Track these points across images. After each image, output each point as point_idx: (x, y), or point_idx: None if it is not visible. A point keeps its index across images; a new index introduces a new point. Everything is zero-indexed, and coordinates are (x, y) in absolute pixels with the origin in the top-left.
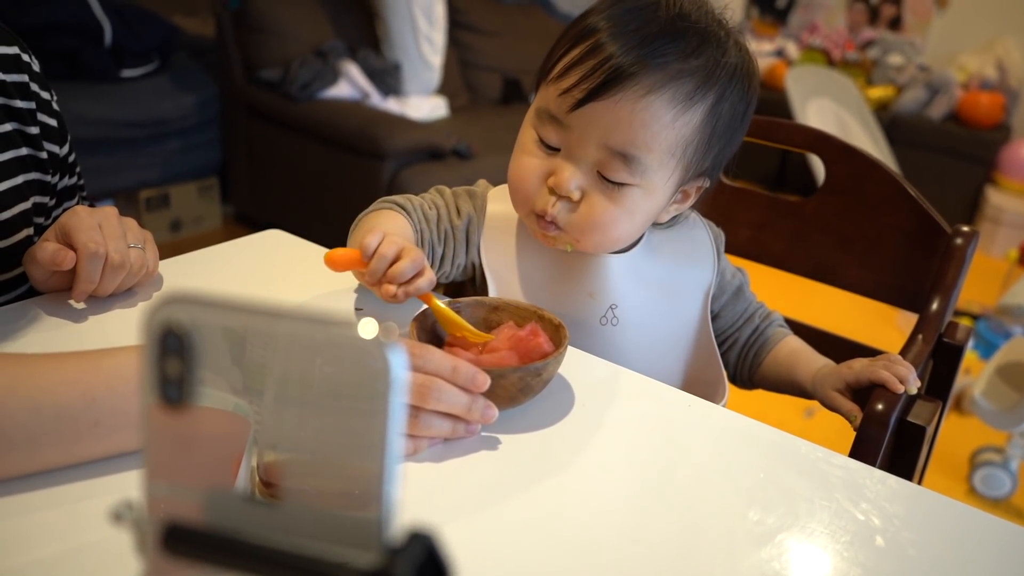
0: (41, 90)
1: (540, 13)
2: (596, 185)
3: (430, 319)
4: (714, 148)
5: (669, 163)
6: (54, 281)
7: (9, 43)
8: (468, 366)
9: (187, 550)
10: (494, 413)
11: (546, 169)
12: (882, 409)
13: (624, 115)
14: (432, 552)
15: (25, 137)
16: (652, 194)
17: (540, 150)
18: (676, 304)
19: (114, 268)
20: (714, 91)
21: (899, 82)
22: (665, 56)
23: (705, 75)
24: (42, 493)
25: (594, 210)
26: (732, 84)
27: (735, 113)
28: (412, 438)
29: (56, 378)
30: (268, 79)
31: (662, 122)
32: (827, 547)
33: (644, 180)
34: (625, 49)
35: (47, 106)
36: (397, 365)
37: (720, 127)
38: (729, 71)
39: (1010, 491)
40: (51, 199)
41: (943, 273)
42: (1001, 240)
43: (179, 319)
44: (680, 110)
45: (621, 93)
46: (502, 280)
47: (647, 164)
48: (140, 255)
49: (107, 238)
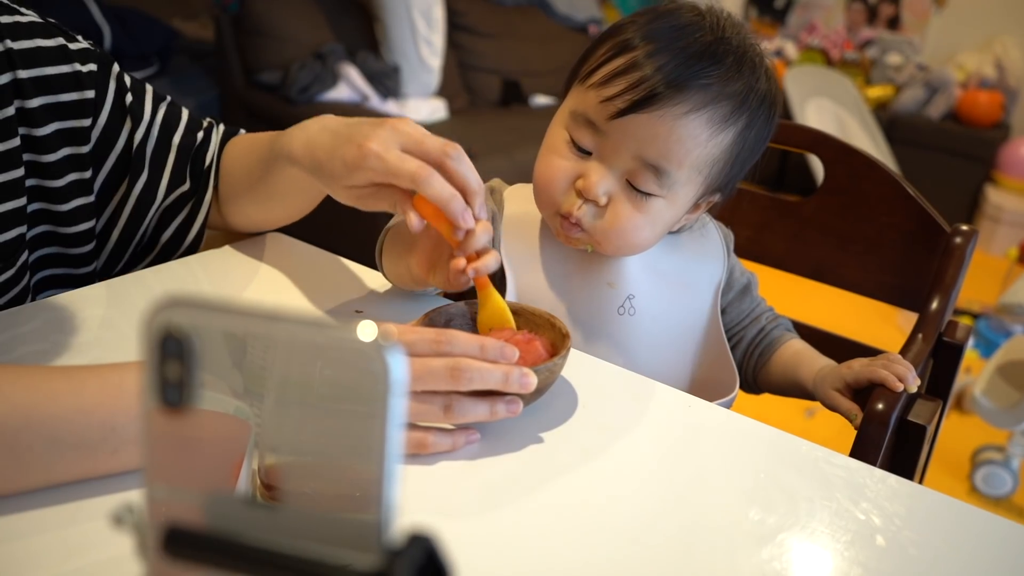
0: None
1: (539, 15)
2: (623, 193)
3: (442, 317)
4: (735, 169)
5: (695, 179)
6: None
7: (53, 35)
8: (494, 341)
9: (187, 553)
10: (532, 380)
11: (575, 172)
12: (882, 408)
13: (663, 130)
14: (432, 554)
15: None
16: (673, 205)
17: (571, 152)
18: (689, 297)
19: (446, 155)
20: (746, 116)
21: (898, 81)
22: (708, 78)
23: (741, 100)
24: (42, 494)
25: (619, 217)
26: (760, 110)
27: (759, 138)
28: (449, 433)
29: (75, 406)
30: (267, 82)
31: (697, 140)
32: (828, 547)
33: (670, 193)
34: (672, 66)
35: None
36: (396, 367)
37: (745, 150)
38: (760, 97)
39: (1011, 490)
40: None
41: (942, 272)
42: (1001, 239)
43: (179, 323)
44: (715, 131)
45: (664, 109)
46: (522, 273)
47: (676, 178)
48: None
49: (422, 139)
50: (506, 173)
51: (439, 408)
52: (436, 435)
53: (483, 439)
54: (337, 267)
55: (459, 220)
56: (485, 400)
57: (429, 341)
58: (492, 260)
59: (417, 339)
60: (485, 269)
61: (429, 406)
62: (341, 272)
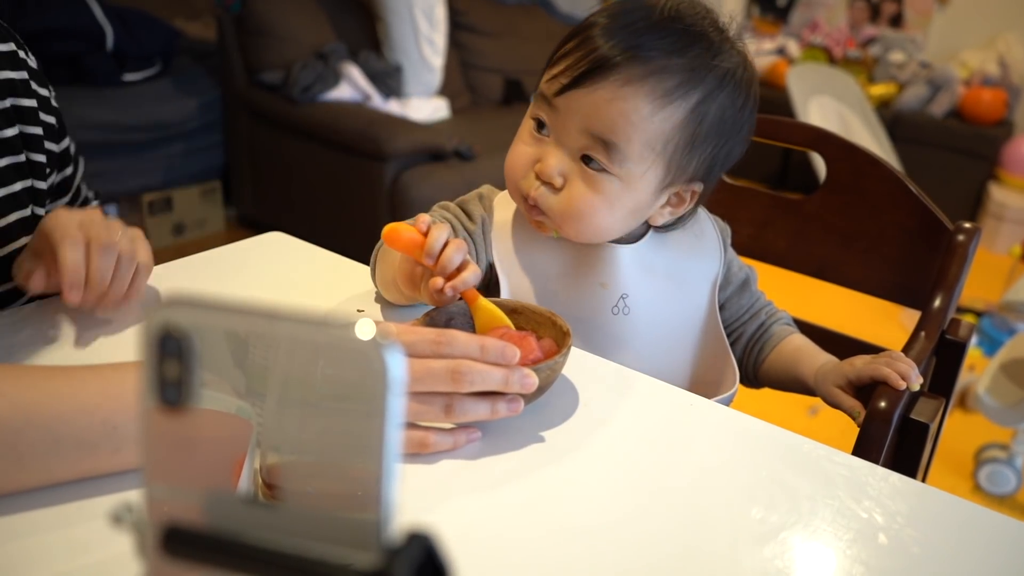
0: (39, 87)
1: (541, 14)
2: (578, 173)
3: (443, 317)
4: (700, 150)
5: (648, 156)
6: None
7: (5, 40)
8: (495, 341)
9: (187, 552)
10: (533, 381)
11: (535, 156)
12: (885, 406)
13: (603, 102)
14: (431, 552)
15: (25, 139)
16: (631, 187)
17: (532, 138)
18: (684, 294)
19: (103, 248)
20: (698, 91)
21: (901, 79)
22: (649, 51)
23: (689, 74)
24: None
25: (574, 196)
26: (722, 87)
27: (724, 117)
28: (450, 432)
29: (76, 405)
30: (270, 82)
31: (640, 114)
32: (830, 545)
33: (623, 171)
34: (613, 42)
35: (47, 104)
36: (394, 365)
37: (704, 129)
38: (719, 74)
39: (1015, 488)
40: (42, 207)
41: (945, 270)
42: (1004, 237)
43: (177, 321)
44: (659, 105)
45: (602, 82)
46: (515, 276)
47: (626, 154)
48: (128, 242)
49: (88, 224)
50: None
51: (440, 408)
52: (437, 434)
53: (484, 438)
54: (338, 267)
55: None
56: (486, 399)
57: (429, 341)
58: (470, 275)
59: (417, 339)
60: (463, 285)
61: (430, 406)
62: (342, 272)
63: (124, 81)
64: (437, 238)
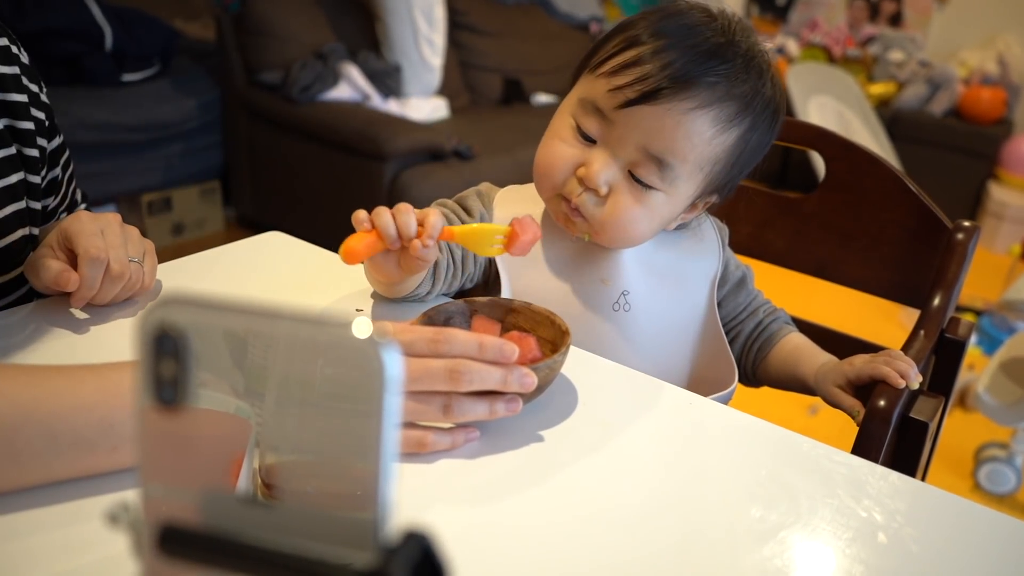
0: (30, 83)
1: (540, 14)
2: (625, 183)
3: (441, 316)
4: (735, 170)
5: (696, 176)
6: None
7: None
8: (493, 339)
9: (183, 552)
10: (532, 380)
11: (578, 159)
12: (884, 405)
13: (670, 123)
14: (428, 552)
15: (15, 134)
16: (672, 201)
17: (575, 139)
18: (684, 292)
19: (113, 278)
20: (750, 118)
21: (900, 78)
22: (716, 76)
23: (747, 102)
24: (40, 493)
25: (618, 207)
26: (764, 115)
27: (761, 143)
28: (449, 432)
29: (73, 403)
30: (269, 82)
31: (702, 137)
32: (829, 544)
33: (671, 188)
34: (681, 63)
35: (36, 99)
36: (391, 364)
37: (746, 153)
38: (764, 102)
39: (1015, 487)
40: (37, 201)
41: (944, 269)
42: (1004, 236)
43: (173, 320)
44: (720, 130)
45: (672, 103)
46: (516, 272)
47: (679, 173)
48: (138, 269)
49: (109, 246)
50: (507, 171)
51: (438, 408)
52: (435, 434)
53: (482, 437)
54: (337, 266)
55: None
56: (484, 399)
57: (427, 340)
58: (434, 219)
59: (415, 338)
60: (434, 230)
61: (428, 406)
62: (340, 271)
63: (123, 81)
64: (387, 223)
